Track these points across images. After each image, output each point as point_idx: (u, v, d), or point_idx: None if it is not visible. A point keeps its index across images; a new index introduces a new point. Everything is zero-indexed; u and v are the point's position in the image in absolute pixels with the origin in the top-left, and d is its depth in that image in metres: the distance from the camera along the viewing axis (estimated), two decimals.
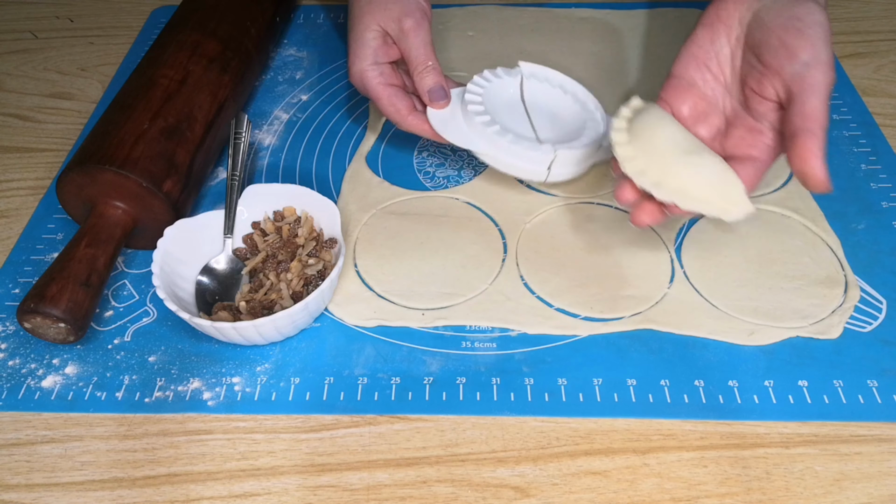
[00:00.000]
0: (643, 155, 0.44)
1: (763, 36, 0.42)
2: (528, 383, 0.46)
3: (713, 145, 0.46)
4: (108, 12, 0.80)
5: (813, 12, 0.42)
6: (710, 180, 0.43)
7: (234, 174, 0.55)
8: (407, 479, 0.42)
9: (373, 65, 0.54)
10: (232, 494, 0.41)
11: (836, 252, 0.52)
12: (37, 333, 0.47)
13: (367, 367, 0.47)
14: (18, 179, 0.61)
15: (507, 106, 0.56)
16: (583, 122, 0.56)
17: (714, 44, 0.46)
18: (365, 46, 0.54)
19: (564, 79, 0.58)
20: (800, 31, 0.41)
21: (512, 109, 0.56)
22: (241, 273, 0.51)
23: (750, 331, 0.48)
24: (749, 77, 0.44)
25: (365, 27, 0.54)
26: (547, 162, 0.52)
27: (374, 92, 0.55)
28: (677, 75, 0.47)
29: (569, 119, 0.57)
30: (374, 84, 0.54)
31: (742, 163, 0.44)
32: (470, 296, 0.51)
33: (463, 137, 0.53)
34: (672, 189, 0.43)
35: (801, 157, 0.40)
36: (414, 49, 0.53)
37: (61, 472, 0.43)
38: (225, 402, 0.46)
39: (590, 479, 0.42)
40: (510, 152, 0.52)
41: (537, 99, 0.57)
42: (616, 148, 0.45)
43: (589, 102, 0.57)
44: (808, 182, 0.40)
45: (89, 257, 0.47)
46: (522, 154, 0.52)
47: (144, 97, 0.54)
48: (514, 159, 0.52)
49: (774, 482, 0.41)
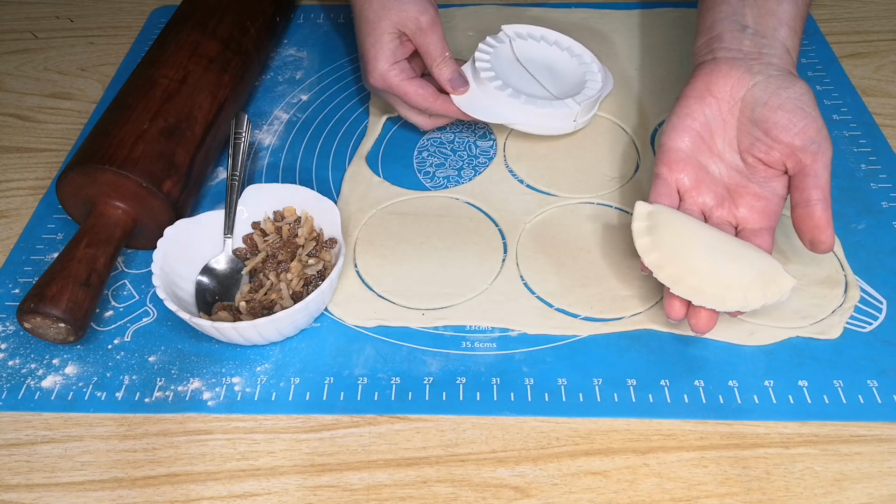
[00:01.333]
0: (661, 249, 0.46)
1: (768, 114, 0.47)
2: (528, 383, 0.46)
3: (723, 214, 0.48)
4: (108, 12, 0.80)
5: (806, 92, 0.47)
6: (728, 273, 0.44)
7: (234, 174, 0.55)
8: (407, 479, 0.42)
9: (393, 65, 0.56)
10: (232, 494, 0.41)
11: (836, 252, 0.52)
12: (37, 333, 0.47)
13: (367, 368, 0.47)
14: (18, 179, 0.61)
15: (512, 72, 0.60)
16: (582, 74, 0.61)
17: (706, 115, 0.49)
18: (383, 49, 0.56)
19: (559, 36, 0.63)
20: (804, 111, 0.46)
21: (518, 74, 0.61)
22: (241, 273, 0.51)
23: (750, 331, 0.48)
24: (754, 148, 0.48)
25: (382, 31, 0.56)
26: (572, 115, 0.58)
27: (400, 88, 0.57)
28: (673, 147, 0.49)
29: (569, 72, 0.62)
30: (398, 82, 0.56)
31: (759, 234, 0.48)
32: (470, 296, 0.51)
33: (491, 113, 0.57)
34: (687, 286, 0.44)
35: (819, 227, 0.45)
36: (432, 44, 0.56)
37: (61, 472, 0.43)
38: (225, 402, 0.46)
39: (590, 479, 0.42)
40: (539, 114, 0.57)
41: (535, 58, 0.62)
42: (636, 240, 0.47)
43: (584, 55, 0.62)
44: (819, 246, 0.45)
45: (89, 257, 0.47)
46: (550, 113, 0.57)
47: (144, 97, 0.54)
48: (542, 120, 0.58)
49: (774, 482, 0.41)
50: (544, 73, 0.61)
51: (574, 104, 0.57)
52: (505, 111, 0.57)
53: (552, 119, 0.58)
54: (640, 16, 0.75)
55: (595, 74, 0.61)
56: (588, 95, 0.58)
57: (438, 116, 0.60)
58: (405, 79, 0.57)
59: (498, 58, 0.60)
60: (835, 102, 0.65)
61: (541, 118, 0.57)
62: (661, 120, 0.63)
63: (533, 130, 0.59)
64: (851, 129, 0.62)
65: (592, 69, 0.61)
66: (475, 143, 0.62)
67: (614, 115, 0.64)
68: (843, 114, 0.63)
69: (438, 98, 0.57)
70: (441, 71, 0.57)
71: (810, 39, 0.72)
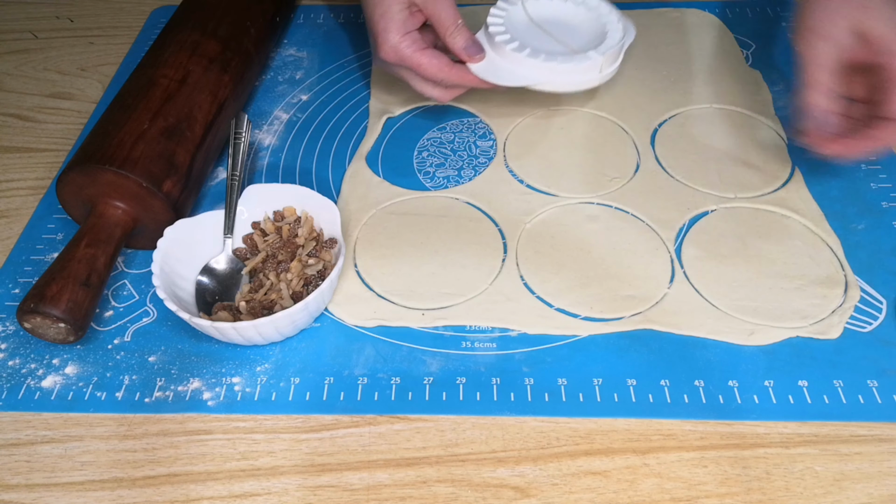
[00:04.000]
0: None
1: None
2: (528, 383, 0.46)
3: None
4: (108, 12, 0.80)
5: None
6: None
7: (234, 174, 0.54)
8: (407, 479, 0.42)
9: (404, 36, 0.55)
10: (232, 494, 0.41)
11: (836, 252, 0.52)
12: (37, 333, 0.47)
13: (367, 367, 0.47)
14: (18, 179, 0.61)
15: (528, 33, 0.59)
16: (602, 25, 0.60)
17: None
18: (393, 20, 0.54)
19: None
20: None
21: (534, 34, 0.59)
22: (241, 273, 0.51)
23: (750, 331, 0.48)
24: None
25: (391, 1, 0.54)
26: (597, 66, 0.57)
27: (412, 60, 0.55)
28: None
29: (587, 26, 0.60)
30: (410, 53, 0.55)
31: None
32: (470, 296, 0.51)
33: (511, 76, 0.56)
34: None
35: None
36: (443, 11, 0.55)
37: (61, 472, 0.43)
38: (225, 402, 0.46)
39: (590, 479, 0.42)
40: (561, 71, 0.56)
41: (549, 17, 0.61)
42: None
43: (601, 7, 0.61)
44: None
45: (89, 257, 0.47)
46: (573, 68, 0.56)
47: (144, 97, 0.54)
48: (566, 76, 0.56)
49: (774, 482, 0.41)
50: (562, 30, 0.60)
51: (596, 55, 0.56)
52: (526, 72, 0.56)
53: (576, 74, 0.56)
54: (640, 16, 0.75)
55: (615, 24, 0.59)
56: (610, 45, 0.57)
57: (454, 87, 0.58)
58: (417, 49, 0.55)
59: (511, 21, 0.59)
60: None
61: (564, 74, 0.56)
62: (662, 120, 0.63)
63: (558, 88, 0.57)
64: None
65: (611, 19, 0.60)
66: (475, 143, 0.62)
67: (614, 115, 0.64)
68: None
69: (453, 67, 0.56)
70: (455, 39, 0.55)
71: None
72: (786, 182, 0.58)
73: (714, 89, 0.66)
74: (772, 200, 0.56)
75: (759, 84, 0.66)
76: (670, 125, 0.63)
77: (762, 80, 0.67)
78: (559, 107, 0.65)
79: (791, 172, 0.58)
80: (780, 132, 0.62)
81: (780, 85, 0.67)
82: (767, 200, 0.56)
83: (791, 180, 0.58)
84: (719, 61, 0.69)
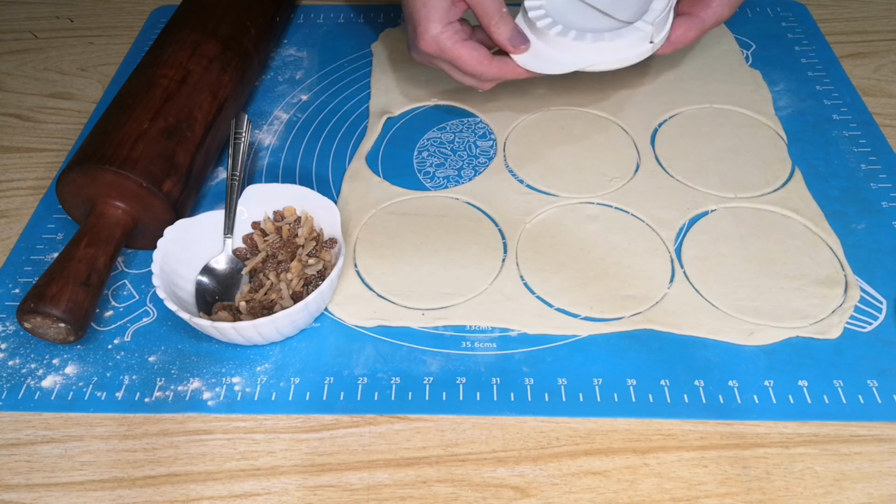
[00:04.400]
0: None
1: None
2: (528, 383, 0.46)
3: None
4: (108, 12, 0.80)
5: None
6: None
7: (234, 174, 0.55)
8: (407, 479, 0.42)
9: (446, 26, 0.53)
10: (232, 494, 0.41)
11: (836, 252, 0.52)
12: (37, 333, 0.47)
13: (367, 367, 0.47)
14: (18, 179, 0.61)
15: (569, 12, 0.56)
16: None
17: None
18: (435, 9, 0.52)
19: None
20: None
21: (576, 12, 0.56)
22: (241, 273, 0.51)
23: (750, 331, 0.48)
24: None
25: None
26: (647, 37, 0.53)
27: (453, 52, 0.53)
28: None
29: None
30: (451, 44, 0.53)
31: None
32: (470, 296, 0.51)
33: (558, 63, 0.53)
34: None
35: None
36: (489, 4, 0.52)
37: (61, 472, 0.43)
38: (225, 402, 0.46)
39: (590, 479, 0.42)
40: (611, 48, 0.53)
41: None
42: None
43: None
44: None
45: (89, 257, 0.47)
46: (623, 43, 0.53)
47: (144, 97, 0.54)
48: (617, 53, 0.53)
49: (774, 482, 0.41)
50: (602, 2, 0.56)
51: (646, 25, 0.53)
52: (574, 57, 0.53)
53: (627, 49, 0.53)
54: None
55: None
56: (658, 10, 0.54)
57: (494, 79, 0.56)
58: (458, 41, 0.53)
59: (550, 2, 0.56)
60: (835, 102, 0.65)
61: (614, 52, 0.53)
62: (662, 120, 0.63)
63: (609, 67, 0.54)
64: (851, 129, 0.62)
65: None
66: (475, 143, 0.62)
67: (614, 115, 0.64)
68: (843, 114, 0.63)
69: (493, 61, 0.54)
70: (500, 30, 0.52)
71: (810, 39, 0.72)
72: (786, 182, 0.58)
73: (714, 89, 0.66)
74: (772, 200, 0.56)
75: (759, 84, 0.66)
76: (670, 125, 0.63)
77: (762, 80, 0.67)
78: (559, 107, 0.65)
79: (791, 172, 0.58)
80: (780, 132, 0.62)
81: (780, 85, 0.67)
82: (767, 200, 0.56)
83: (791, 180, 0.58)
84: (719, 61, 0.69)
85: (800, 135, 0.62)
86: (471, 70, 0.54)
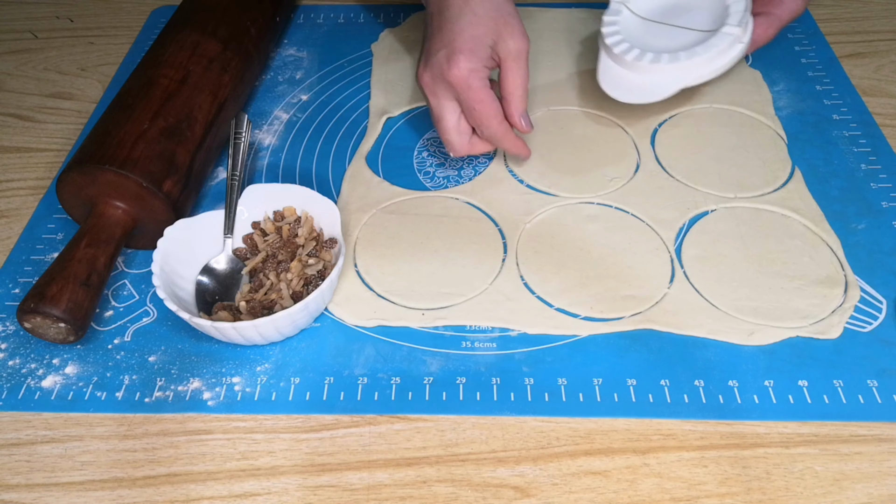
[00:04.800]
0: None
1: None
2: (528, 383, 0.46)
3: None
4: (108, 12, 0.80)
5: None
6: None
7: (234, 174, 0.55)
8: (407, 479, 0.42)
9: (482, 67, 0.52)
10: (232, 494, 0.41)
11: (836, 252, 0.52)
12: (37, 333, 0.47)
13: (367, 367, 0.47)
14: (18, 179, 0.61)
15: (649, 35, 0.56)
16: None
17: None
18: (480, 47, 0.51)
19: None
20: None
21: (655, 33, 0.57)
22: (241, 273, 0.51)
23: (750, 331, 0.48)
24: None
25: (485, 29, 0.51)
26: (737, 38, 0.54)
27: (479, 93, 0.52)
28: None
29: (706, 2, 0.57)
30: (480, 86, 0.52)
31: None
32: (470, 296, 0.51)
33: (657, 90, 0.55)
34: None
35: None
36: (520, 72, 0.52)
37: (61, 472, 0.43)
38: (225, 402, 0.46)
39: (590, 479, 0.42)
40: (707, 60, 0.53)
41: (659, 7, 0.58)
42: None
43: None
44: None
45: (89, 257, 0.47)
46: (716, 53, 0.53)
47: (144, 97, 0.54)
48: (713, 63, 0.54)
49: (774, 482, 0.41)
50: (679, 14, 0.56)
51: (735, 28, 0.53)
52: (672, 79, 0.54)
53: (721, 56, 0.54)
54: None
55: None
56: (740, 11, 0.54)
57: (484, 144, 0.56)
58: (484, 86, 0.52)
59: (628, 31, 0.56)
60: (835, 102, 0.65)
61: (710, 62, 0.53)
62: (662, 120, 0.63)
63: (708, 78, 0.55)
64: (851, 129, 0.62)
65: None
66: None
67: (614, 115, 0.64)
68: (843, 114, 0.63)
69: (503, 122, 0.53)
70: (517, 106, 0.53)
71: (810, 39, 0.72)
72: (786, 182, 0.58)
73: (714, 89, 0.66)
74: (772, 200, 0.56)
75: (759, 84, 0.66)
76: (670, 125, 0.63)
77: (762, 80, 0.67)
78: (559, 107, 0.65)
79: (791, 172, 0.58)
80: (780, 132, 0.62)
81: (780, 85, 0.67)
82: (767, 200, 0.56)
83: (791, 180, 0.58)
84: None
85: (800, 135, 0.62)
86: (481, 118, 0.53)
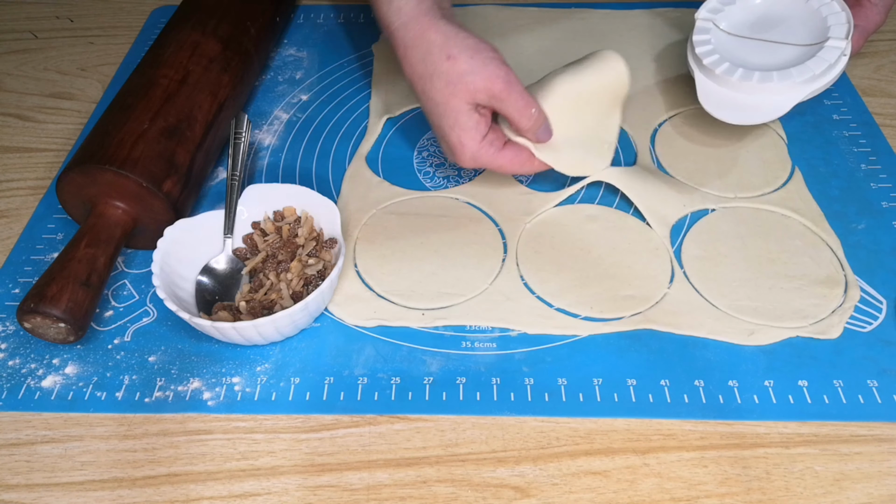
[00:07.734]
0: None
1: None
2: (528, 383, 0.46)
3: None
4: (108, 12, 0.80)
5: None
6: None
7: (234, 174, 0.55)
8: (407, 479, 0.42)
9: (481, 144, 0.52)
10: (232, 494, 0.41)
11: (836, 252, 0.52)
12: (37, 333, 0.47)
13: (367, 367, 0.47)
14: (18, 179, 0.61)
15: (746, 53, 0.56)
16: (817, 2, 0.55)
17: None
18: (466, 131, 0.51)
19: None
20: None
21: (751, 50, 0.56)
22: (241, 273, 0.51)
23: (750, 331, 0.48)
24: None
25: (457, 110, 0.51)
26: (841, 51, 0.53)
27: (494, 164, 0.53)
28: None
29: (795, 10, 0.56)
30: (491, 158, 0.53)
31: None
32: (470, 296, 0.51)
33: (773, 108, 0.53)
34: None
35: None
36: (512, 107, 0.51)
37: (61, 472, 0.43)
38: (225, 402, 0.46)
39: (590, 479, 0.42)
40: (816, 73, 0.52)
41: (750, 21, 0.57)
42: None
43: None
44: None
45: (89, 257, 0.47)
46: (826, 66, 0.52)
47: (144, 97, 0.54)
48: (822, 77, 0.53)
49: (774, 482, 0.41)
50: (770, 29, 0.55)
51: (839, 41, 0.52)
52: (787, 98, 0.53)
53: (831, 70, 0.53)
54: (640, 16, 0.75)
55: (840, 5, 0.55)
56: (843, 22, 0.53)
57: None
58: (495, 153, 0.52)
59: (723, 49, 0.55)
60: (835, 102, 0.65)
61: (822, 77, 0.53)
62: (662, 120, 0.63)
63: (818, 93, 0.54)
64: (851, 129, 0.62)
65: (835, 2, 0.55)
66: None
67: None
68: (843, 114, 0.63)
69: (534, 160, 0.53)
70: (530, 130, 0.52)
71: None
72: (786, 182, 0.58)
73: None
74: (772, 200, 0.56)
75: None
76: (670, 125, 0.63)
77: None
78: None
79: (791, 172, 0.58)
80: (780, 132, 0.62)
81: None
82: (767, 200, 0.56)
83: (791, 180, 0.58)
84: None
85: (800, 135, 0.62)
86: (514, 172, 0.54)
